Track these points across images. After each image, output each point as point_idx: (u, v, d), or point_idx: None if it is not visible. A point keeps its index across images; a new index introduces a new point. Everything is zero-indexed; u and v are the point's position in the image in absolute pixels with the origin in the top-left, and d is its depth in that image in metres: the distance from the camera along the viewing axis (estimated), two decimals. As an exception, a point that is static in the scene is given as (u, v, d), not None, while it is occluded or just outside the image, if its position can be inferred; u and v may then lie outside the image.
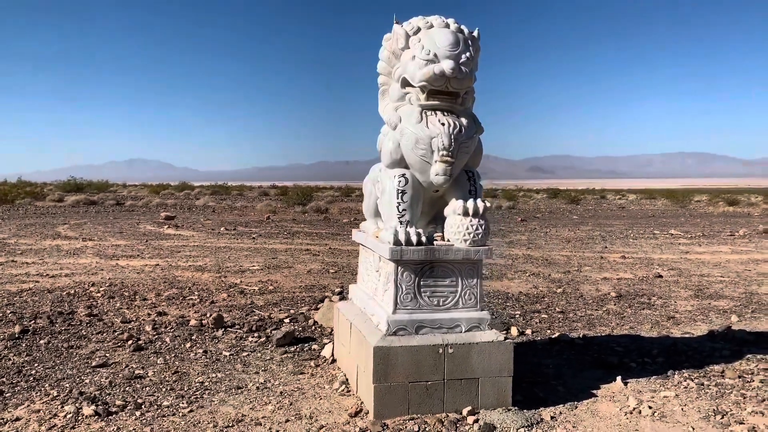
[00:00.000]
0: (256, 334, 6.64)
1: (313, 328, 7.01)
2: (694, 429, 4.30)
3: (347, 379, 5.11)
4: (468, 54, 4.45)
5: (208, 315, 7.30)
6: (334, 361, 5.71)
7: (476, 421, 4.32)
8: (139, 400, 4.68)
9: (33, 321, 6.96)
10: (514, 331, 6.98)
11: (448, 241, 4.69)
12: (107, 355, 5.84)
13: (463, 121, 4.60)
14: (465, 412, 4.41)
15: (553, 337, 6.72)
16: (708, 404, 4.73)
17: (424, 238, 4.53)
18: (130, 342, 6.18)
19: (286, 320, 7.29)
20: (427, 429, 4.21)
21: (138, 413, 4.45)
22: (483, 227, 4.59)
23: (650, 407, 4.62)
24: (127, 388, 4.95)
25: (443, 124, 4.50)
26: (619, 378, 5.22)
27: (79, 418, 4.34)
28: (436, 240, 4.74)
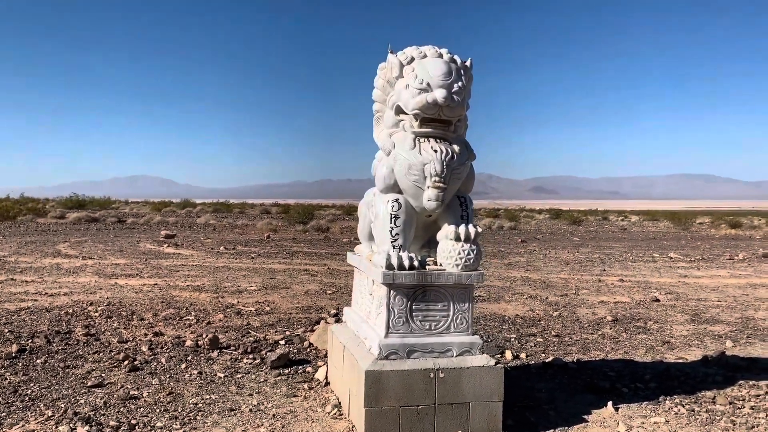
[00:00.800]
0: (251, 356, 6.68)
1: (308, 350, 7.04)
2: (682, 456, 4.32)
3: (340, 403, 5.14)
4: (460, 83, 4.56)
5: (204, 336, 7.34)
6: (327, 384, 5.74)
7: (466, 445, 4.34)
8: (133, 421, 4.71)
9: (30, 340, 7.01)
10: (508, 354, 7.00)
11: (441, 265, 4.76)
12: (103, 375, 5.88)
13: (456, 148, 4.69)
14: (455, 436, 4.43)
15: (547, 361, 6.74)
16: (697, 431, 4.75)
17: (416, 263, 4.59)
18: (126, 362, 6.22)
19: (282, 342, 7.33)
20: (417, 453, 4.23)
21: (131, 434, 4.48)
22: (475, 252, 4.66)
23: (640, 433, 4.64)
24: (121, 409, 4.99)
25: (436, 151, 4.59)
26: (610, 403, 5.25)
27: (73, 438, 4.37)
28: (428, 264, 4.81)
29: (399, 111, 4.75)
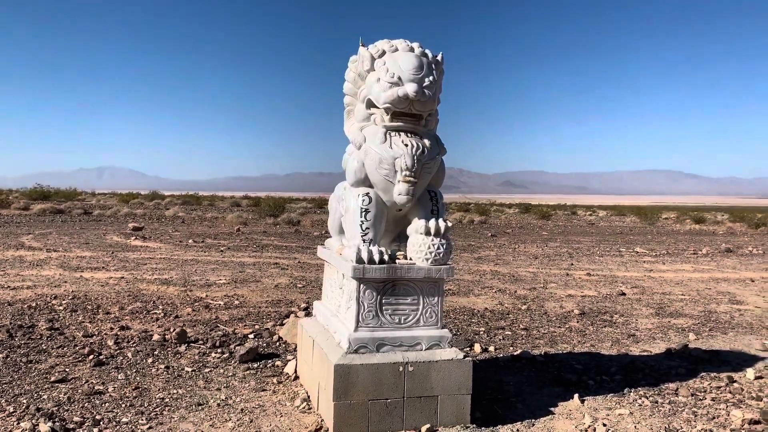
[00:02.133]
0: (219, 350, 6.62)
1: (278, 344, 7.01)
2: (645, 446, 4.42)
3: (309, 397, 5.13)
4: (431, 78, 4.56)
5: (171, 330, 7.24)
6: (296, 378, 5.72)
7: (435, 438, 4.37)
8: (98, 417, 4.63)
9: (-9, 334, 6.84)
10: (477, 347, 7.06)
11: (411, 259, 4.77)
12: (67, 370, 5.76)
13: (426, 142, 4.70)
14: (424, 429, 4.46)
15: (516, 354, 6.82)
16: (660, 422, 4.86)
17: (386, 257, 4.59)
18: (91, 357, 6.10)
19: (251, 336, 7.28)
20: (385, 446, 4.25)
21: (96, 430, 4.41)
22: (445, 246, 4.68)
23: (604, 425, 4.73)
24: (86, 404, 4.90)
25: (406, 145, 4.60)
26: (576, 396, 5.34)
27: (35, 435, 4.28)
28: (398, 258, 4.82)
29: (370, 104, 4.74)
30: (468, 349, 7.04)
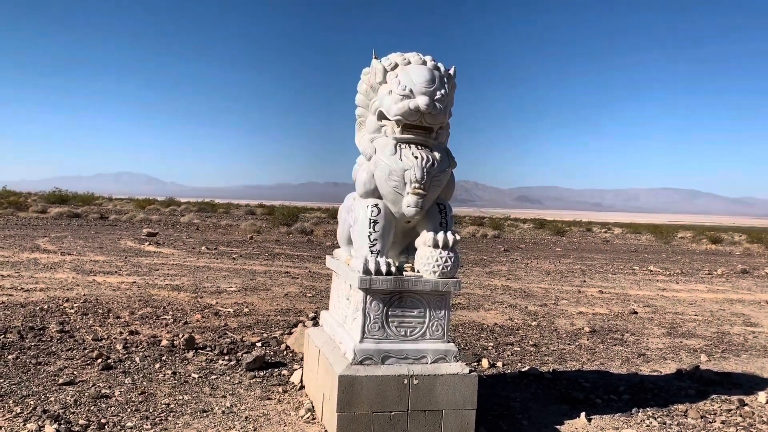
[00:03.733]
0: (226, 357, 6.64)
1: (285, 353, 7.01)
2: (651, 468, 4.35)
3: (313, 407, 5.12)
4: (443, 91, 4.57)
5: (180, 336, 7.28)
6: (302, 387, 5.72)
7: (438, 453, 4.34)
8: (103, 420, 4.66)
9: (3, 335, 6.91)
10: (485, 363, 7.02)
11: (418, 272, 4.76)
12: (75, 372, 5.80)
13: (437, 155, 4.71)
14: (427, 443, 4.43)
15: (524, 370, 6.77)
16: (668, 443, 4.79)
17: (393, 268, 4.59)
18: (99, 360, 6.15)
19: (258, 344, 7.29)
20: (388, 459, 4.22)
21: (100, 434, 4.43)
22: (452, 260, 4.67)
23: (611, 445, 4.68)
24: (92, 408, 4.93)
25: (416, 158, 4.60)
26: (583, 414, 5.28)
27: (40, 436, 4.31)
28: (405, 270, 4.82)
29: (381, 116, 4.76)
30: (476, 364, 7.00)
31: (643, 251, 30.38)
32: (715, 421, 5.38)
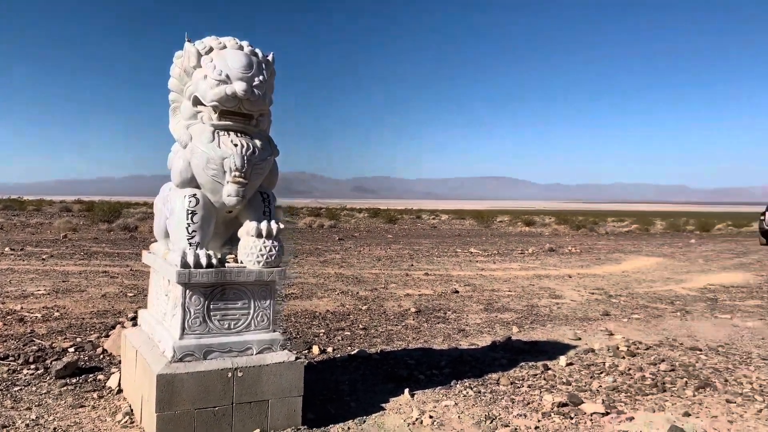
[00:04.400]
0: (33, 366, 6.01)
1: (102, 356, 6.51)
2: (467, 434, 4.69)
3: (132, 410, 4.82)
4: (261, 77, 4.50)
5: (-26, 347, 6.46)
6: (120, 391, 5.35)
7: (265, 443, 4.31)
8: None
9: None
10: (315, 349, 7.08)
11: (242, 262, 4.66)
12: None
13: (257, 142, 4.63)
14: (254, 435, 4.38)
15: (353, 353, 6.93)
16: (481, 410, 5.19)
17: (215, 260, 4.45)
18: None
19: (71, 349, 6.69)
20: (212, 456, 4.10)
21: None
22: (277, 248, 4.63)
23: (431, 417, 4.96)
24: None
25: (236, 145, 4.49)
26: (407, 390, 5.54)
27: None
28: (228, 262, 4.69)
29: (197, 102, 4.57)
30: (306, 351, 7.03)
31: (466, 235, 32.52)
32: (523, 386, 5.92)
